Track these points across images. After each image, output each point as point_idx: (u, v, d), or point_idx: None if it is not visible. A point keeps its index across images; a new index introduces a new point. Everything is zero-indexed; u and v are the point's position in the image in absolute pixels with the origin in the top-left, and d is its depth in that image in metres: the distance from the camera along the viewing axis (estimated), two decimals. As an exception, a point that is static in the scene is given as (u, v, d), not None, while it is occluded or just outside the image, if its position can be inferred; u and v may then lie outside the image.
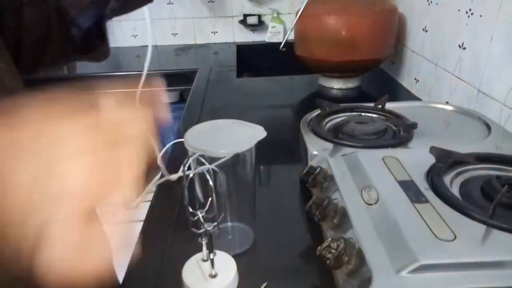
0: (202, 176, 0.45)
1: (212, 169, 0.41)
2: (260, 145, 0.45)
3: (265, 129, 0.46)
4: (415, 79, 1.04)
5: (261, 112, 1.02)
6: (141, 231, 0.54)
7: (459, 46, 0.81)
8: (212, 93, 1.17)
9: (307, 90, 1.18)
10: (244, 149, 0.44)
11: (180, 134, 0.91)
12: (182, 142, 0.46)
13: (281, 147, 0.77)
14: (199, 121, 0.97)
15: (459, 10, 0.81)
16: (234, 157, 0.46)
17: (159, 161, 0.55)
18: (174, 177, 0.63)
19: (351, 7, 1.00)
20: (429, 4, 0.94)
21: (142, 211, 0.61)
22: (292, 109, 1.05)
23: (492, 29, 0.70)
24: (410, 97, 1.04)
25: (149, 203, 0.62)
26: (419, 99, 1.00)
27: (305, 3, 1.08)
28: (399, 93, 1.09)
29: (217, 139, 0.46)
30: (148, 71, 0.48)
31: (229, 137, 0.47)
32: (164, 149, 0.91)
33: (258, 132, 0.46)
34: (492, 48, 0.71)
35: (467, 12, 0.78)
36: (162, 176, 0.63)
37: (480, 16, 0.73)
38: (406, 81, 1.11)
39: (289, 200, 0.60)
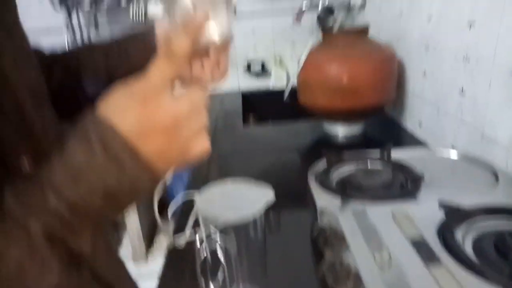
0: (212, 241, 0.46)
1: (223, 235, 0.41)
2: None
3: (273, 176, 0.47)
4: (418, 122, 1.05)
5: (268, 158, 1.03)
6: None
7: (459, 90, 0.83)
8: (220, 140, 1.19)
9: (312, 135, 1.20)
10: (253, 215, 0.44)
11: (189, 184, 0.91)
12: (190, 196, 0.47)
13: (289, 196, 0.77)
14: (208, 169, 0.98)
15: (456, 56, 0.83)
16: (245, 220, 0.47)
17: (169, 223, 0.56)
18: (182, 243, 0.63)
19: (351, 56, 1.04)
20: (426, 50, 0.97)
21: (152, 277, 0.61)
22: (299, 155, 1.07)
23: (489, 75, 0.72)
24: (415, 140, 1.04)
25: (158, 268, 0.62)
26: (424, 143, 1.01)
27: (306, 52, 1.12)
28: (403, 136, 1.10)
29: (227, 204, 0.47)
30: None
31: (239, 202, 0.48)
32: (173, 206, 0.92)
33: (266, 194, 0.47)
34: (491, 93, 0.72)
35: (464, 58, 0.80)
36: (171, 242, 0.63)
37: (477, 62, 0.76)
38: (409, 124, 1.12)
39: (301, 259, 0.59)
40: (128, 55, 0.50)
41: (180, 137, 0.32)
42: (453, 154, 0.75)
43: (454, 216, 0.50)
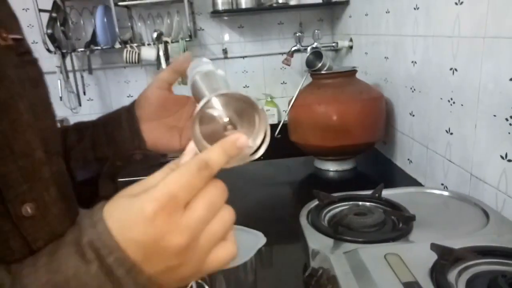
0: (201, 285, 0.45)
1: (213, 278, 0.40)
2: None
3: (264, 212, 0.46)
4: (408, 159, 1.07)
5: (259, 194, 1.03)
6: None
7: (446, 131, 0.85)
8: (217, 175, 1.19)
9: (303, 172, 1.21)
10: (245, 259, 0.44)
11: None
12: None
13: (281, 233, 0.76)
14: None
15: (441, 99, 0.86)
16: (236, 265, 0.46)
17: None
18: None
19: (340, 97, 1.07)
20: (412, 91, 1.01)
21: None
22: (291, 190, 1.07)
23: (474, 117, 0.74)
24: (405, 177, 1.05)
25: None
26: (415, 180, 1.02)
27: (296, 93, 1.15)
28: (394, 173, 1.11)
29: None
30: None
31: None
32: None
33: (257, 239, 0.46)
34: (477, 134, 0.74)
35: (449, 101, 0.83)
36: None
37: (462, 105, 0.78)
38: (399, 161, 1.13)
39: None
40: (116, 142, 0.50)
41: (196, 252, 0.29)
42: (444, 193, 0.75)
43: (446, 257, 0.49)
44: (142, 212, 0.28)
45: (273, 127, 1.25)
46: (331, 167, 1.15)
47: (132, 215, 0.28)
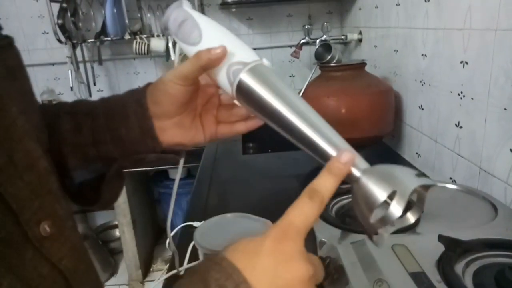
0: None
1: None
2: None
3: (271, 204, 0.47)
4: (417, 153, 1.07)
5: (267, 187, 1.03)
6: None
7: (456, 125, 0.85)
8: (219, 169, 1.20)
9: (311, 164, 1.21)
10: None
11: (190, 214, 0.91)
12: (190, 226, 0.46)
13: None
14: (207, 199, 0.98)
15: (451, 92, 0.86)
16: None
17: (171, 248, 0.53)
18: (182, 270, 0.63)
19: (348, 89, 1.06)
20: (422, 84, 1.00)
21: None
22: (298, 183, 1.07)
23: (484, 111, 0.74)
24: (413, 171, 1.05)
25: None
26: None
27: (304, 86, 1.15)
28: (402, 167, 1.11)
29: (225, 237, 0.47)
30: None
31: (237, 236, 0.48)
32: (173, 232, 0.92)
33: (266, 227, 0.47)
34: (487, 128, 0.74)
35: (459, 94, 0.82)
36: (170, 269, 0.63)
37: (472, 98, 0.78)
38: (408, 155, 1.13)
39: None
40: (123, 141, 0.41)
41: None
42: (452, 186, 0.75)
43: (454, 249, 0.50)
44: (265, 239, 0.28)
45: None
46: (339, 160, 1.15)
47: (256, 244, 0.28)
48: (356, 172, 0.31)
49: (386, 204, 0.29)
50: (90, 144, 0.41)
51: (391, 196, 0.29)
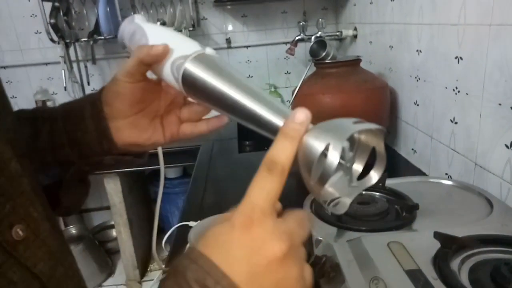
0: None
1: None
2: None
3: None
4: (413, 149, 1.06)
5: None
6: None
7: (451, 120, 0.85)
8: (216, 168, 1.20)
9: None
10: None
11: (186, 214, 0.91)
12: (185, 226, 0.46)
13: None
14: (203, 197, 0.98)
15: (446, 88, 0.86)
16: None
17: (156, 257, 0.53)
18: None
19: (344, 86, 1.06)
20: (417, 80, 1.00)
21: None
22: (294, 180, 1.06)
23: (479, 106, 0.74)
24: (410, 167, 1.05)
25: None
26: (419, 169, 1.02)
27: (300, 82, 1.15)
28: (398, 163, 1.11)
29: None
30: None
31: None
32: (169, 232, 0.91)
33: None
34: (482, 123, 0.74)
35: (454, 90, 0.82)
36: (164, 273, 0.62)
37: (467, 94, 0.78)
38: (403, 151, 1.13)
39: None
40: (79, 144, 0.41)
41: (296, 259, 0.28)
42: (448, 182, 0.75)
43: (449, 246, 0.49)
44: (231, 227, 0.27)
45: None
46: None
47: (222, 233, 0.27)
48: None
49: (324, 157, 0.27)
50: (48, 149, 0.41)
51: (327, 148, 0.27)
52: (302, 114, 0.29)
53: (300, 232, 0.29)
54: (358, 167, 0.32)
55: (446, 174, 0.88)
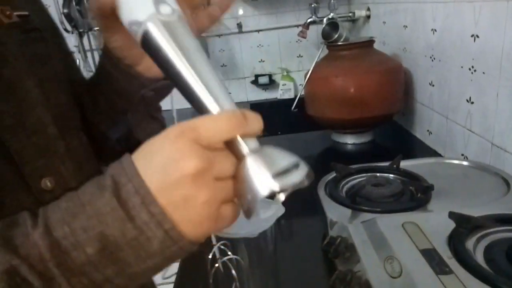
0: (224, 254, 0.47)
1: (236, 258, 0.42)
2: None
3: None
4: (428, 131, 1.05)
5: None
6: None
7: (467, 100, 0.83)
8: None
9: (321, 145, 1.21)
10: (265, 228, 0.45)
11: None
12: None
13: (300, 206, 0.77)
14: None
15: (462, 67, 0.84)
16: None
17: None
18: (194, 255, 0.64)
19: (357, 68, 1.05)
20: (432, 60, 0.98)
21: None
22: (308, 164, 1.07)
23: (496, 86, 0.72)
24: (425, 149, 1.04)
25: (172, 279, 0.63)
26: (434, 151, 1.01)
27: (312, 66, 1.14)
28: (413, 145, 1.10)
29: (238, 218, 0.48)
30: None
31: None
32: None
33: (277, 209, 0.48)
34: (499, 103, 0.72)
35: (470, 69, 0.81)
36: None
37: (484, 73, 0.76)
38: (419, 133, 1.12)
39: (312, 271, 0.60)
40: (120, 94, 0.45)
41: (210, 186, 0.27)
42: (463, 163, 0.75)
43: (464, 225, 0.50)
44: (164, 137, 0.27)
45: (290, 101, 1.25)
46: (349, 140, 1.15)
47: (155, 143, 0.28)
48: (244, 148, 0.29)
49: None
50: (107, 110, 0.46)
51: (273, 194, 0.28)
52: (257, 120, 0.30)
53: (225, 162, 0.28)
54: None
55: (462, 155, 0.87)
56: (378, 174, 0.72)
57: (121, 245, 0.26)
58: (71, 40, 1.78)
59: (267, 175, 0.27)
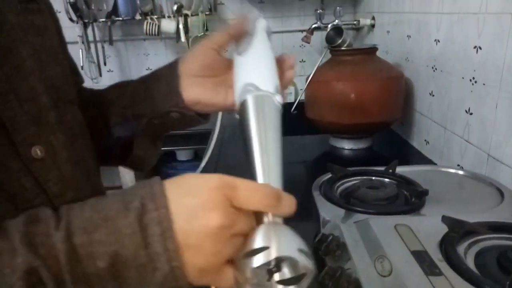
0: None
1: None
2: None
3: None
4: (425, 140, 1.06)
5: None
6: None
7: (466, 111, 0.84)
8: (226, 152, 1.20)
9: (318, 149, 1.21)
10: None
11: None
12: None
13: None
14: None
15: (463, 78, 0.84)
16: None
17: None
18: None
19: (359, 74, 1.05)
20: (433, 70, 0.99)
21: None
22: (305, 167, 1.07)
23: (496, 97, 0.73)
24: (422, 158, 1.05)
25: None
26: (431, 161, 1.01)
27: (314, 69, 1.14)
28: (410, 154, 1.10)
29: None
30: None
31: None
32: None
33: None
34: (498, 114, 0.73)
35: (471, 80, 0.81)
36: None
37: (484, 84, 0.77)
38: (416, 143, 1.12)
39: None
40: (153, 98, 0.47)
41: (223, 247, 0.29)
42: (459, 172, 0.75)
43: (457, 230, 0.50)
44: (204, 183, 0.29)
45: (290, 105, 1.25)
46: (347, 145, 1.15)
47: (193, 182, 0.29)
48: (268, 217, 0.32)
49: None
50: (129, 106, 0.48)
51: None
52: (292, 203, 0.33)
53: (246, 223, 0.30)
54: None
55: (458, 165, 0.88)
56: (373, 178, 0.72)
57: (129, 267, 0.28)
58: (75, 30, 1.78)
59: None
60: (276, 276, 0.29)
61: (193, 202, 0.29)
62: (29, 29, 0.37)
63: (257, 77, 0.41)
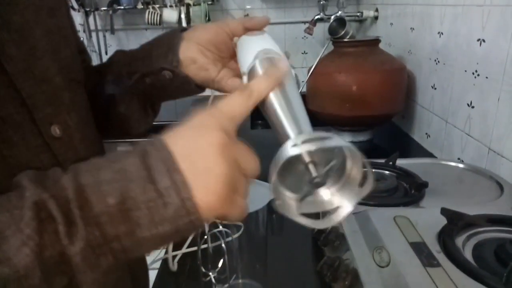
0: (214, 235, 0.47)
1: (225, 230, 0.42)
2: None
3: None
4: (426, 134, 1.06)
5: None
6: None
7: (468, 104, 0.84)
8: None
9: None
10: (257, 208, 0.45)
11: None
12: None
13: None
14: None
15: (465, 71, 0.84)
16: (247, 216, 0.48)
17: None
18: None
19: (361, 66, 1.05)
20: (436, 63, 0.98)
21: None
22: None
23: (498, 90, 0.72)
24: (422, 151, 1.05)
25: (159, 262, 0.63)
26: (431, 154, 1.01)
27: (316, 61, 1.14)
28: (410, 147, 1.10)
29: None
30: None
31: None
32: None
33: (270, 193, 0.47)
34: (500, 108, 0.73)
35: (473, 73, 0.81)
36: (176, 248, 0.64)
37: (487, 77, 0.76)
38: (417, 136, 1.12)
39: (301, 257, 0.60)
40: (150, 57, 0.46)
41: (230, 165, 0.29)
42: (459, 165, 0.75)
43: (455, 222, 0.50)
44: (193, 121, 0.30)
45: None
46: (347, 138, 1.15)
47: (185, 123, 0.30)
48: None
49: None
50: (126, 64, 0.48)
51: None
52: (283, 65, 0.35)
53: (248, 156, 0.32)
54: (327, 193, 0.33)
55: (459, 158, 0.88)
56: (373, 170, 0.72)
57: (139, 203, 0.27)
58: (77, 19, 1.77)
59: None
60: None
61: (189, 131, 0.30)
62: (42, 10, 0.38)
63: (266, 45, 0.41)
